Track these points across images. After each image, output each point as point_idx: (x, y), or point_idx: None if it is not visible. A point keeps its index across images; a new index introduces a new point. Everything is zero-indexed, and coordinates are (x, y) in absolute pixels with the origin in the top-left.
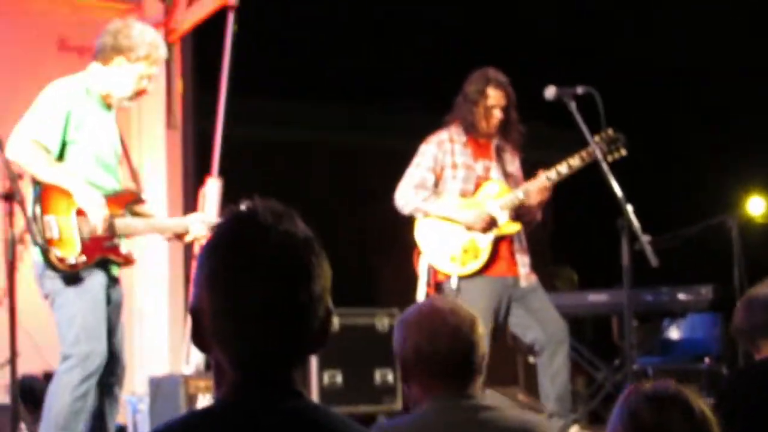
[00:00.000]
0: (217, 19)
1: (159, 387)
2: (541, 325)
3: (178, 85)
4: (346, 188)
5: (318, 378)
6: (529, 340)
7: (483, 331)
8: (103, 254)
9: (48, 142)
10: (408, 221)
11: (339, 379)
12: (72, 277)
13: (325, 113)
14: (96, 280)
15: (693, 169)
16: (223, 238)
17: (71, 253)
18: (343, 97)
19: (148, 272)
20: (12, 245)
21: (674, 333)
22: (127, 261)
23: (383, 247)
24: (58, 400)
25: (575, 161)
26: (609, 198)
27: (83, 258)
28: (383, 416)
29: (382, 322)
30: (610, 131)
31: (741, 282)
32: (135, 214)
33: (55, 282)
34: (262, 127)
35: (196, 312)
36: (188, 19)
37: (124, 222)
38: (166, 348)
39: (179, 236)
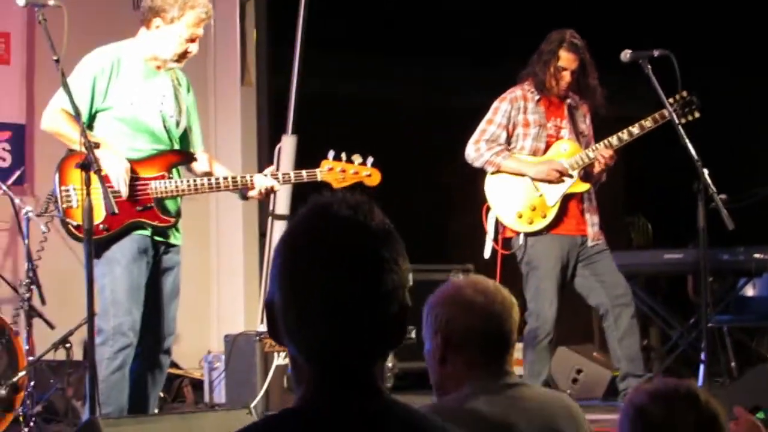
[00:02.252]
0: None
1: (235, 345)
2: (605, 289)
3: (252, 39)
4: (420, 145)
5: None
6: (594, 303)
7: (515, 305)
8: (135, 218)
9: (75, 111)
10: (480, 177)
11: (413, 335)
12: (99, 245)
13: (400, 70)
14: (127, 249)
15: None
16: (297, 230)
17: (94, 220)
18: (419, 54)
19: (223, 234)
20: (89, 212)
21: (749, 291)
22: (165, 222)
23: (458, 203)
24: (97, 374)
25: (648, 122)
26: (684, 156)
27: (104, 226)
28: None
29: (455, 276)
30: (684, 93)
31: None
32: (195, 173)
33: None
34: (338, 83)
35: (270, 305)
36: None
37: (162, 184)
38: (242, 307)
39: (244, 193)
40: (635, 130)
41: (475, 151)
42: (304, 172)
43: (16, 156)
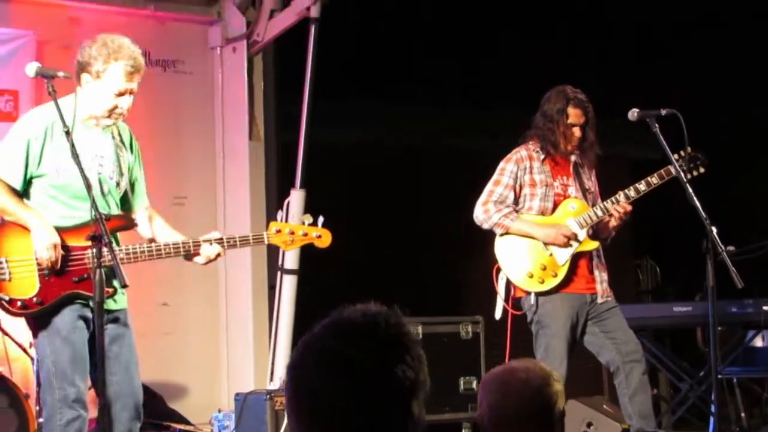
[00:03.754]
0: (297, 30)
1: (245, 404)
2: (616, 346)
3: (260, 92)
4: (431, 193)
5: None
6: (604, 361)
7: (559, 385)
8: (71, 290)
9: (10, 179)
10: (490, 234)
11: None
12: (35, 319)
13: (411, 115)
14: (67, 319)
15: None
16: (310, 350)
17: (27, 293)
18: (429, 100)
19: (232, 288)
20: (101, 285)
21: (759, 342)
22: (109, 294)
23: (469, 256)
24: None
25: (654, 179)
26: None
27: (37, 299)
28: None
29: (466, 330)
30: (689, 149)
31: None
32: (148, 239)
33: (29, 324)
34: (351, 133)
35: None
36: (270, 31)
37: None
38: (252, 363)
39: (189, 256)
40: (642, 186)
41: (484, 213)
42: (250, 236)
43: None
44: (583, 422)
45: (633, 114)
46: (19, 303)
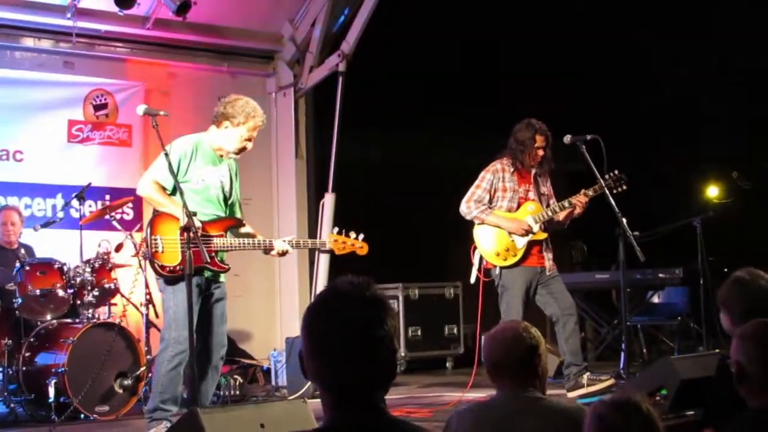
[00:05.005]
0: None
1: (293, 345)
2: (557, 303)
3: (303, 124)
4: (426, 197)
5: (404, 332)
6: (549, 313)
7: (536, 336)
8: (202, 264)
9: (164, 182)
10: (469, 224)
11: (419, 332)
12: (171, 279)
13: (412, 140)
14: (191, 283)
15: (673, 179)
16: (318, 305)
17: (173, 262)
18: (424, 129)
19: (284, 264)
20: (190, 261)
21: (656, 299)
22: (222, 269)
23: (455, 237)
24: (158, 371)
25: (590, 192)
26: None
27: (180, 267)
28: (450, 359)
29: (449, 291)
30: (616, 172)
31: (703, 265)
32: (239, 235)
33: (160, 282)
34: (368, 152)
35: (300, 355)
36: (310, 81)
37: (221, 240)
38: (297, 316)
39: (267, 251)
40: (590, 192)
41: (467, 209)
42: (317, 241)
43: (136, 213)
44: None
45: (566, 139)
46: (168, 268)
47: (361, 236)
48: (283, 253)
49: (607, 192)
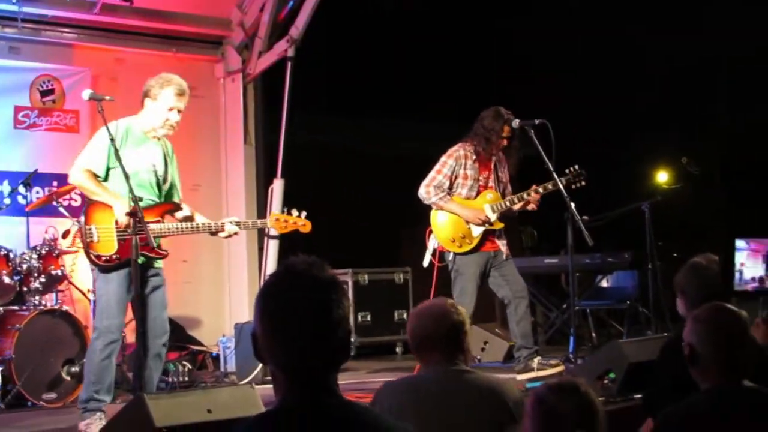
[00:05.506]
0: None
1: (242, 331)
2: (509, 286)
3: (252, 110)
4: (376, 182)
5: (354, 318)
6: (501, 296)
7: (462, 313)
8: (140, 251)
9: (95, 169)
10: (426, 208)
11: (369, 318)
12: (104, 268)
13: (362, 126)
14: (123, 271)
15: (625, 163)
16: (272, 284)
17: (109, 251)
18: (374, 114)
19: (233, 250)
20: (136, 248)
21: (605, 284)
22: (159, 255)
23: (406, 223)
24: (90, 361)
25: (549, 186)
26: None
27: (116, 256)
28: (400, 344)
29: (398, 277)
30: (576, 167)
31: (651, 250)
32: (179, 220)
33: (95, 272)
34: (318, 137)
35: (254, 335)
36: (258, 67)
37: (158, 226)
38: (246, 302)
39: (214, 233)
40: (541, 190)
41: (426, 194)
42: (258, 221)
43: (84, 199)
44: (482, 341)
45: (515, 123)
46: (103, 258)
47: (304, 214)
48: (231, 235)
49: (563, 189)
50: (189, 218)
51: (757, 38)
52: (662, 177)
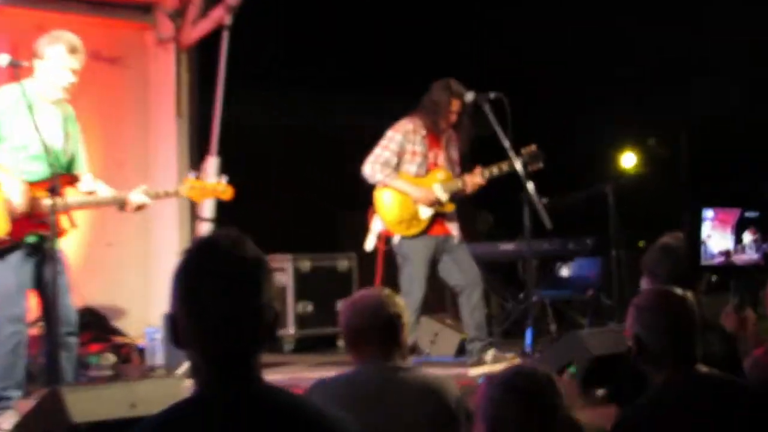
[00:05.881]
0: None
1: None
2: (462, 273)
3: (185, 80)
4: (318, 162)
5: (293, 308)
6: (453, 284)
7: (399, 305)
8: (32, 230)
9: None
10: (369, 187)
11: (310, 308)
12: (1, 252)
13: (306, 101)
14: (19, 254)
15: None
16: (189, 261)
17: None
18: (315, 88)
19: (161, 234)
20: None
21: (565, 272)
22: (61, 232)
23: (349, 206)
24: None
25: (505, 167)
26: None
27: (8, 237)
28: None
29: (342, 264)
30: (533, 147)
31: (615, 235)
32: (80, 191)
33: None
34: (257, 113)
35: (172, 318)
36: (193, 35)
37: (52, 201)
38: None
39: (122, 207)
40: (495, 170)
41: (371, 171)
42: (171, 189)
43: None
44: (432, 333)
45: (468, 96)
46: None
47: (224, 179)
48: (140, 207)
49: (520, 171)
50: (91, 192)
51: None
52: (628, 159)
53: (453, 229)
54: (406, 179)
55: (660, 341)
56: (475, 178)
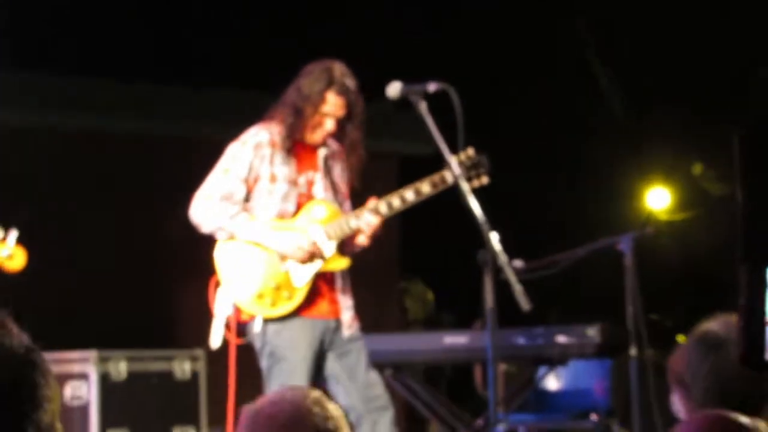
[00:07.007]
0: None
1: None
2: (358, 391)
3: None
4: (127, 189)
5: None
6: (343, 405)
7: (338, 421)
8: None
9: None
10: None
11: None
12: None
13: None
14: None
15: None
16: None
17: None
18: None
19: None
20: None
21: (552, 384)
22: None
23: (183, 265)
24: None
25: (426, 188)
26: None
27: None
28: None
29: (182, 368)
30: (470, 152)
31: (636, 320)
32: None
33: None
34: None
35: None
36: None
37: None
38: None
39: None
40: (410, 196)
41: (202, 212)
42: None
43: None
44: None
45: (393, 89)
46: None
47: (12, 235)
48: None
49: (463, 187)
50: None
51: None
52: (658, 197)
53: (345, 310)
54: (263, 222)
55: None
56: (371, 218)
